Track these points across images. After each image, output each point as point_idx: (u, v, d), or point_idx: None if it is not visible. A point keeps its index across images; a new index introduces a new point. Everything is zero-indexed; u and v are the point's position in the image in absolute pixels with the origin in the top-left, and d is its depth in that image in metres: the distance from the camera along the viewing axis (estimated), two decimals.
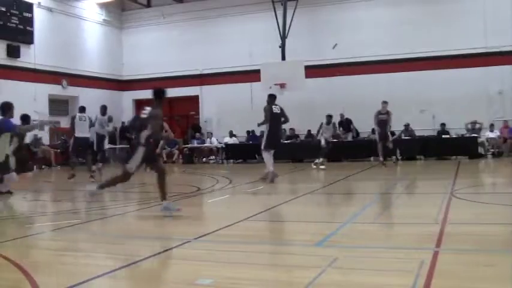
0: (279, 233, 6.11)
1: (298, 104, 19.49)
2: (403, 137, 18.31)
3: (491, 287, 3.68)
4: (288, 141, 19.78)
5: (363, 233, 5.71)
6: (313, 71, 18.53)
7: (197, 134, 21.72)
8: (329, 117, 15.72)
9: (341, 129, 19.49)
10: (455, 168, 13.78)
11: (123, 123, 22.09)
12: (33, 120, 12.08)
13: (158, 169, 7.09)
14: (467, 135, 17.99)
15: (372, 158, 17.59)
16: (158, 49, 22.78)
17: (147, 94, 27.87)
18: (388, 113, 15.04)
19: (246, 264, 4.50)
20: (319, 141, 15.85)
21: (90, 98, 20.28)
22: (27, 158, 11.89)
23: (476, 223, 5.98)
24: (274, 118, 11.40)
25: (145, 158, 7.03)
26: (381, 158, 15.18)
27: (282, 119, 11.66)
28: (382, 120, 15.04)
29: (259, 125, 11.93)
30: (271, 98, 11.73)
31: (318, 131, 16.08)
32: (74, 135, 13.02)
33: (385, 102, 14.95)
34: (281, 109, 11.63)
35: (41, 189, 13.07)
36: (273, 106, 11.50)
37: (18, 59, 18.70)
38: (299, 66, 17.60)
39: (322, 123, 15.76)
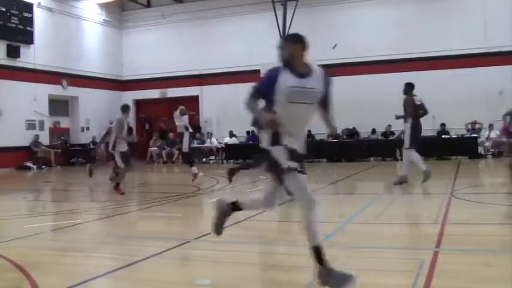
0: (279, 233, 6.11)
1: None
2: (402, 138, 18.25)
3: (491, 287, 3.68)
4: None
5: (363, 233, 5.71)
6: None
7: (197, 134, 21.70)
8: None
9: (345, 136, 19.41)
10: (455, 168, 13.77)
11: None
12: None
13: None
14: (467, 135, 17.98)
15: (372, 158, 17.57)
16: (158, 49, 22.75)
17: (147, 94, 27.77)
18: None
19: (246, 264, 4.50)
20: None
21: (90, 98, 20.27)
22: None
23: (476, 223, 5.98)
24: (417, 111, 10.04)
25: None
26: None
27: (421, 111, 10.12)
28: None
29: (398, 117, 10.36)
30: (410, 87, 10.23)
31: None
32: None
33: None
34: (421, 100, 10.18)
35: (41, 189, 13.09)
36: (414, 97, 10.14)
37: (18, 59, 18.67)
38: None
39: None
